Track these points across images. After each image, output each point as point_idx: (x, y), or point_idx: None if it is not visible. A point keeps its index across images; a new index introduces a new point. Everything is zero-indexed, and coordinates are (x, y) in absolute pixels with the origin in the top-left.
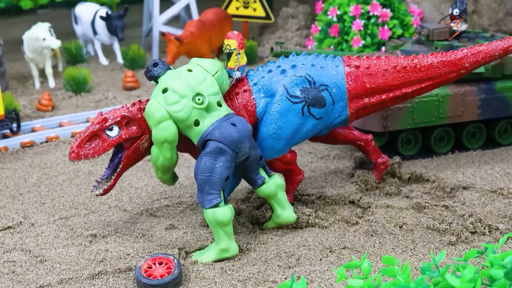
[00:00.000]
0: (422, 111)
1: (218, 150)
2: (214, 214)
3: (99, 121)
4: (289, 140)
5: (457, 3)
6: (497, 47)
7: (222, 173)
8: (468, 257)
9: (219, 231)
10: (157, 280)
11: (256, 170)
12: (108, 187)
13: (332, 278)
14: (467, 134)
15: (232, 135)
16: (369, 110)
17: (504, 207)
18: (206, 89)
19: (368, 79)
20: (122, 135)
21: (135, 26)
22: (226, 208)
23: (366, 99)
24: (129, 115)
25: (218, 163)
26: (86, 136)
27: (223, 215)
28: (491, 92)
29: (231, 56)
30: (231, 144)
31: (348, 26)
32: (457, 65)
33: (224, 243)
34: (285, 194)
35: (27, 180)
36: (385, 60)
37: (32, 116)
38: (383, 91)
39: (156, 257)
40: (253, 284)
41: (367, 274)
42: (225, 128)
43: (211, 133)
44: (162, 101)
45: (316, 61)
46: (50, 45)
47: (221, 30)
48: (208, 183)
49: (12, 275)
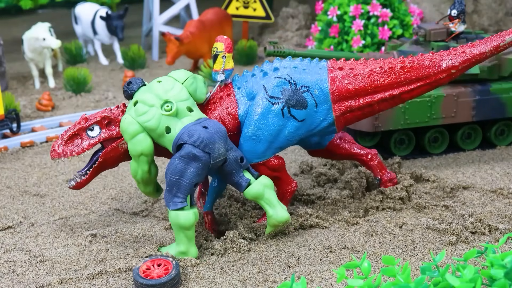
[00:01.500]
0: (414, 111)
1: (191, 155)
2: (177, 217)
3: (80, 121)
4: (270, 143)
5: (456, 3)
6: (488, 46)
7: (191, 179)
8: (468, 257)
9: (180, 234)
10: (154, 280)
11: (239, 173)
12: (82, 181)
13: (332, 278)
14: (462, 135)
15: (202, 137)
16: (356, 113)
17: (504, 207)
18: (174, 96)
19: (352, 80)
20: (102, 134)
21: (135, 26)
22: (190, 213)
23: (351, 101)
24: (110, 116)
25: (189, 168)
26: (67, 136)
27: (185, 220)
28: (486, 93)
29: (216, 58)
30: (201, 145)
31: (348, 26)
32: (447, 65)
33: (184, 246)
34: (274, 194)
35: (27, 180)
36: (371, 62)
37: (32, 116)
38: (368, 93)
39: (155, 259)
40: (253, 284)
41: (367, 274)
42: (195, 131)
43: (181, 137)
44: (134, 114)
45: (299, 64)
46: (50, 45)
47: (221, 30)
48: (177, 186)
49: (12, 275)
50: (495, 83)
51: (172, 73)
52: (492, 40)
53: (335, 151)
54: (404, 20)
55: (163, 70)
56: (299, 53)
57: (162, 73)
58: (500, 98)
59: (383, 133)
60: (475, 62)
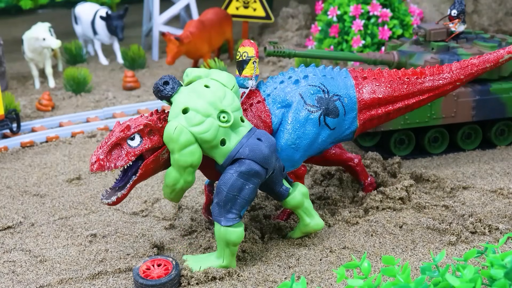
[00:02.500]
0: (414, 111)
1: (253, 172)
2: (227, 234)
3: (121, 129)
4: (305, 151)
5: (455, 3)
6: (489, 59)
7: (249, 196)
8: (468, 257)
9: (226, 249)
10: (154, 281)
11: (281, 182)
12: (122, 196)
13: (332, 278)
14: (462, 135)
15: (263, 151)
16: (374, 122)
17: (504, 207)
18: (229, 105)
19: (376, 89)
20: (145, 144)
21: (135, 26)
22: (241, 230)
23: (373, 110)
24: (152, 123)
25: (248, 184)
26: (109, 146)
27: (236, 237)
28: (486, 93)
29: (247, 63)
30: (262, 161)
31: (348, 26)
32: (453, 77)
33: (227, 261)
34: (310, 202)
35: (27, 180)
36: (391, 72)
37: (32, 116)
38: (389, 102)
39: (155, 259)
40: (253, 284)
41: (367, 274)
42: (255, 145)
43: (240, 152)
44: (185, 123)
45: (325, 71)
46: (50, 45)
47: (221, 30)
48: (232, 202)
49: (12, 275)
50: (495, 83)
51: (215, 75)
52: (495, 54)
53: (326, 157)
54: (404, 20)
55: (163, 70)
56: (299, 53)
57: (162, 73)
58: (500, 98)
59: (383, 133)
60: (477, 75)
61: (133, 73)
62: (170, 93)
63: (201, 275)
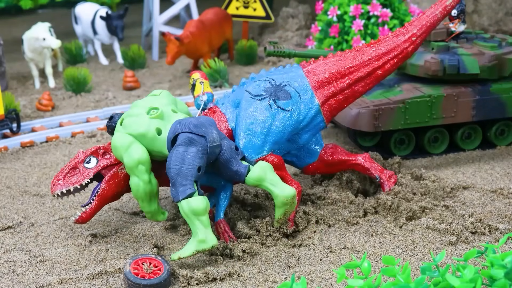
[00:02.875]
0: (414, 111)
1: (188, 140)
2: (188, 204)
3: (75, 156)
4: (265, 136)
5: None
6: (436, 8)
7: (194, 162)
8: (468, 257)
9: (195, 222)
10: (152, 280)
11: (237, 161)
12: (88, 211)
13: (332, 278)
14: (462, 135)
15: (190, 121)
16: (339, 98)
17: (504, 207)
18: (158, 102)
19: (325, 67)
20: (100, 163)
21: (135, 26)
22: (201, 198)
23: (330, 86)
24: (105, 145)
25: (189, 153)
26: (66, 169)
27: (198, 204)
28: (486, 93)
29: (194, 86)
30: (194, 129)
31: (348, 26)
32: (407, 34)
33: (201, 234)
34: (275, 174)
35: (27, 180)
36: (340, 52)
37: (32, 116)
38: (343, 75)
39: (147, 257)
40: (253, 284)
41: (367, 274)
42: (185, 120)
43: (175, 130)
44: (122, 130)
45: (275, 70)
46: (50, 45)
47: (221, 30)
48: (180, 174)
49: (12, 275)
50: (495, 83)
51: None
52: (440, 3)
53: (330, 162)
54: (404, 20)
55: (163, 70)
56: (299, 53)
57: (162, 73)
58: (500, 98)
59: (383, 133)
60: (431, 26)
61: (133, 73)
62: (114, 124)
63: (201, 275)
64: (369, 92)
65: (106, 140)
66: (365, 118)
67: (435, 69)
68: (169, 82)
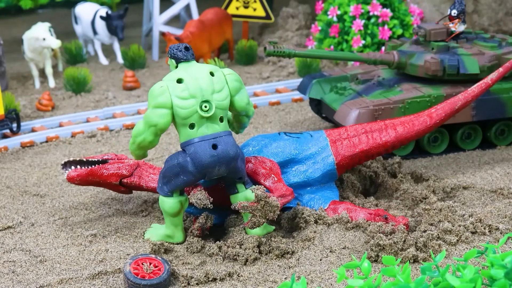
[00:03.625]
0: (414, 111)
1: (186, 170)
2: (163, 203)
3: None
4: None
5: (456, 3)
6: (458, 101)
7: (181, 184)
8: (468, 257)
9: (166, 219)
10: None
11: (233, 187)
12: (76, 170)
13: (332, 278)
14: (462, 135)
15: (202, 161)
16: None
17: (504, 207)
18: (217, 100)
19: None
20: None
21: (135, 26)
22: (176, 201)
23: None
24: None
25: (182, 177)
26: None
27: (170, 207)
28: (486, 93)
29: None
30: (198, 167)
31: (348, 26)
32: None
33: (169, 230)
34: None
35: (27, 180)
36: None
37: (32, 116)
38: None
39: (147, 257)
40: (253, 284)
41: (367, 274)
42: (200, 151)
43: (188, 147)
44: (172, 89)
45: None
46: (50, 45)
47: (221, 30)
48: (168, 180)
49: (12, 275)
50: (495, 83)
51: (226, 71)
52: (472, 91)
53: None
54: (404, 20)
55: (163, 70)
56: (299, 53)
57: (162, 73)
58: (500, 98)
59: None
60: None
61: (133, 73)
62: (184, 58)
63: (201, 275)
64: (369, 92)
65: (106, 140)
66: (365, 118)
67: (435, 69)
68: None
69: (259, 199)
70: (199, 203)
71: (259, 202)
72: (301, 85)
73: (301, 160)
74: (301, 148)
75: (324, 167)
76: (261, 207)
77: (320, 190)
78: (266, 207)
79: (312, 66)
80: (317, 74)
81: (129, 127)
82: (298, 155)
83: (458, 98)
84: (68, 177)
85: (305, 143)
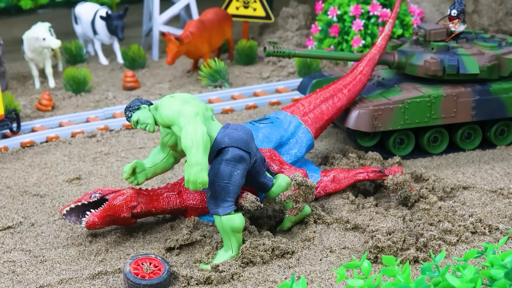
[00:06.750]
0: (414, 111)
1: (238, 157)
2: (230, 221)
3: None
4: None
5: (455, 3)
6: (375, 54)
7: (239, 181)
8: (468, 257)
9: (231, 239)
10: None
11: (264, 173)
12: (96, 213)
13: (332, 278)
14: (461, 135)
15: (242, 136)
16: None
17: (504, 207)
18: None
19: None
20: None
21: (135, 26)
22: (240, 215)
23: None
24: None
25: (236, 170)
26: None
27: (239, 222)
28: (486, 93)
29: None
30: (243, 145)
31: (348, 26)
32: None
33: (236, 251)
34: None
35: (27, 180)
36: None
37: (32, 116)
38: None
39: (147, 257)
40: (253, 284)
41: (367, 274)
42: (232, 133)
43: (220, 142)
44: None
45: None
46: (50, 45)
47: (221, 30)
48: (225, 190)
49: (12, 275)
50: (495, 83)
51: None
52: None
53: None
54: (404, 20)
55: (163, 70)
56: (299, 53)
57: (162, 73)
58: (500, 98)
59: (382, 133)
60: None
61: (133, 73)
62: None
63: (201, 275)
64: (369, 92)
65: (106, 140)
66: (365, 118)
67: (435, 69)
68: (169, 82)
69: (300, 185)
70: (253, 206)
71: (300, 188)
72: (301, 85)
73: (286, 142)
74: (282, 130)
75: (306, 142)
76: (303, 192)
77: (304, 165)
78: (307, 191)
79: (312, 66)
80: (317, 74)
81: (129, 127)
82: (283, 137)
83: (373, 52)
84: (88, 225)
85: (281, 125)
